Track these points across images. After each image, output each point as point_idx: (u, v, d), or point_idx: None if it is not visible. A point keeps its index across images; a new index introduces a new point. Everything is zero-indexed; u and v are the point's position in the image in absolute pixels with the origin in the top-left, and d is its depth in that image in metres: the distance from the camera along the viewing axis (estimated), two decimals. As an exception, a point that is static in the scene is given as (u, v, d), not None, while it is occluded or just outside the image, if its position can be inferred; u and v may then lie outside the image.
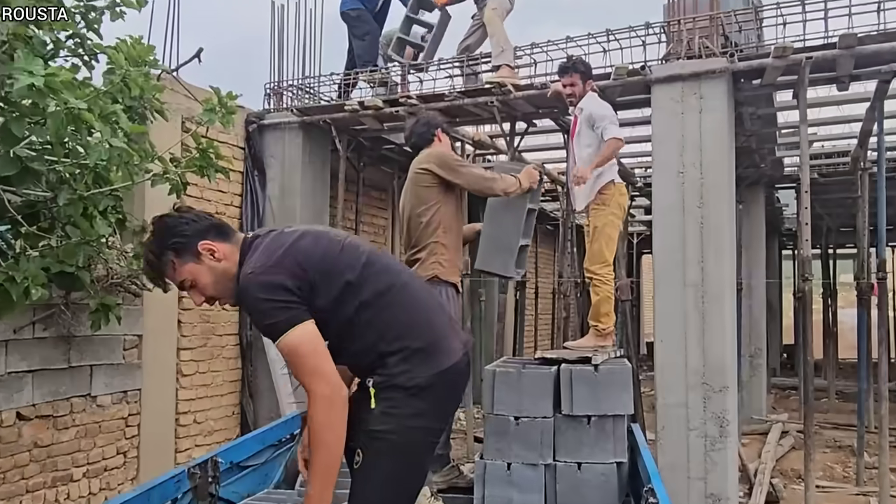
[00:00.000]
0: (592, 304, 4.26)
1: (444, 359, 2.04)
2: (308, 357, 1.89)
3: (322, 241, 2.06)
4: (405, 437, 1.98)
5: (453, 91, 6.50)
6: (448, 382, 2.05)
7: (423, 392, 1.99)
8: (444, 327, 2.13)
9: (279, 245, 1.99)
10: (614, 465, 3.13)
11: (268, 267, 1.92)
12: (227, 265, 2.01)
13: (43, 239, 3.89)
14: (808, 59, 5.18)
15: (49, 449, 4.62)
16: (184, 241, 1.98)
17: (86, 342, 4.81)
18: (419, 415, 1.99)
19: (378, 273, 2.06)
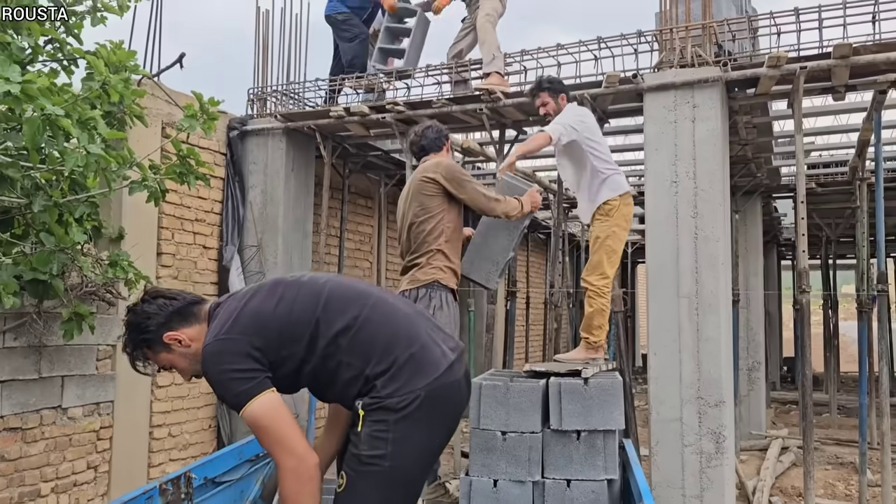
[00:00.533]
0: (585, 315, 4.29)
1: (433, 368, 2.06)
2: (270, 429, 1.92)
3: (276, 292, 2.12)
4: (398, 463, 1.98)
5: (441, 98, 6.56)
6: (442, 394, 2.06)
7: (417, 411, 1.99)
8: (427, 335, 2.14)
9: (232, 311, 2.06)
10: (605, 482, 3.17)
11: (221, 337, 2.00)
12: (197, 347, 2.11)
13: (16, 246, 3.92)
14: (802, 69, 5.28)
15: (17, 463, 4.61)
16: (150, 336, 2.10)
17: (57, 352, 4.82)
18: (412, 437, 1.99)
19: (344, 307, 2.10)
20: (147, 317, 2.10)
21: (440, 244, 3.71)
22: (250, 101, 7.49)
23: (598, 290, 4.23)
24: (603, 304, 4.24)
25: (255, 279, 6.96)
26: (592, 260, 4.28)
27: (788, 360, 16.84)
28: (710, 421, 5.35)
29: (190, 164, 4.37)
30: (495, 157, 7.36)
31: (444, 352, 2.13)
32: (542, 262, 15.17)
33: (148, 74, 5.03)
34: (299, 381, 2.09)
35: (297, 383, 2.10)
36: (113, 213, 5.50)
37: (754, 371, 9.99)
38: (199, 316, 2.15)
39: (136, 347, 2.13)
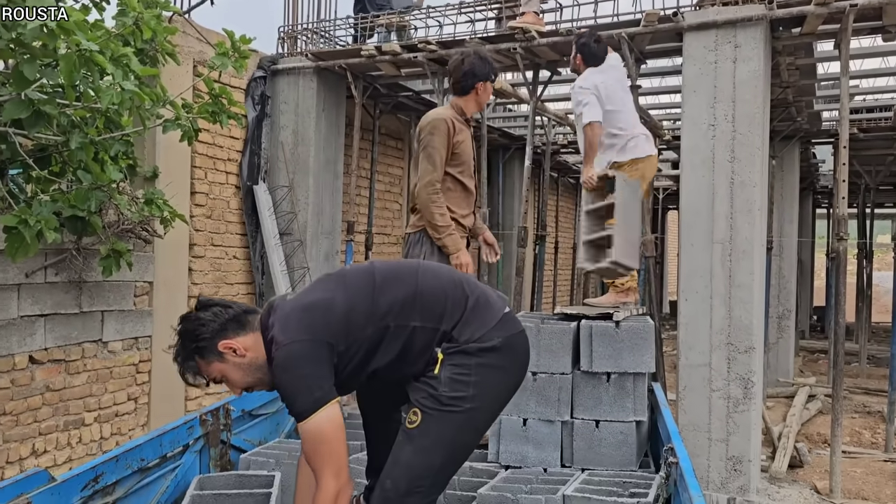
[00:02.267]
0: None
1: (497, 310, 2.11)
2: (329, 445, 1.89)
3: (328, 285, 2.10)
4: (477, 405, 2.01)
5: (474, 37, 6.42)
6: (515, 342, 2.11)
7: (496, 358, 2.04)
8: (478, 284, 2.20)
9: (291, 312, 2.00)
10: (633, 423, 3.19)
11: (294, 340, 1.93)
12: (252, 357, 2.02)
13: (54, 183, 3.98)
14: (852, 7, 5.05)
15: (61, 393, 4.78)
16: (204, 344, 2.00)
17: (97, 288, 4.93)
18: (491, 382, 2.04)
19: (397, 277, 2.10)
20: (202, 324, 2.01)
21: None
22: (280, 40, 7.41)
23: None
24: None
25: (287, 219, 7.01)
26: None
27: (818, 309, 16.67)
28: (738, 367, 5.35)
29: (222, 102, 4.36)
30: (528, 99, 7.22)
31: (500, 297, 2.20)
32: (572, 207, 15.04)
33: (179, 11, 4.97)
34: (366, 369, 2.04)
35: (361, 375, 2.06)
36: (147, 152, 5.54)
37: (784, 319, 9.92)
38: (253, 324, 2.05)
39: (188, 357, 2.03)
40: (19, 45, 2.98)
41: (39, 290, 4.50)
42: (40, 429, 4.63)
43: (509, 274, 9.98)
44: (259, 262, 6.89)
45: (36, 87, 3.13)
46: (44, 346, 4.60)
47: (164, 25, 4.01)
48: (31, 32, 2.74)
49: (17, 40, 2.88)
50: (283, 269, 6.88)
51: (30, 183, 4.10)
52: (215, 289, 6.42)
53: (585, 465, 3.17)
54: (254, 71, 6.99)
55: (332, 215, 7.48)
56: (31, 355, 4.52)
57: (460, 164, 3.56)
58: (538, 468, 3.19)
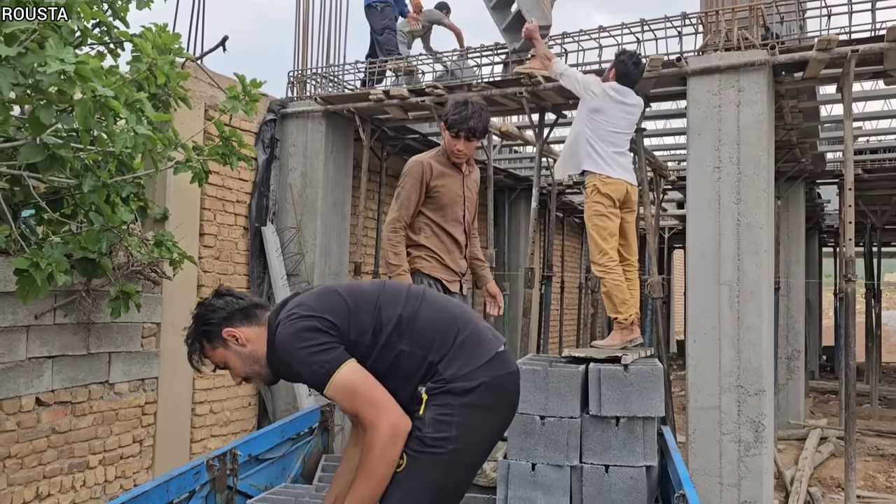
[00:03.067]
0: (603, 296, 4.23)
1: (488, 349, 2.09)
2: (364, 391, 1.94)
3: (336, 288, 2.17)
4: (461, 446, 2.00)
5: (481, 81, 6.51)
6: (503, 382, 2.09)
7: (480, 397, 2.02)
8: (478, 320, 2.19)
9: (298, 300, 2.11)
10: (644, 468, 3.14)
11: (294, 316, 2.02)
12: (252, 349, 2.12)
13: (65, 225, 4.01)
14: (853, 52, 5.12)
15: (66, 435, 4.75)
16: (210, 328, 2.12)
17: (105, 329, 4.93)
18: (476, 422, 2.03)
19: (399, 297, 2.14)
20: (213, 310, 2.14)
21: (420, 239, 3.55)
22: (290, 84, 7.53)
23: (604, 268, 4.15)
24: (614, 280, 4.14)
25: (294, 260, 7.04)
26: (589, 243, 4.25)
27: (827, 350, 16.52)
28: (749, 409, 5.28)
29: (232, 145, 4.41)
30: (534, 141, 7.29)
31: (495, 335, 2.17)
32: (577, 247, 15.05)
33: (192, 57, 5.07)
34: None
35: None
36: (157, 194, 5.59)
37: (793, 360, 9.83)
38: (261, 319, 2.16)
39: (196, 339, 2.16)
40: (36, 91, 3.04)
41: (48, 332, 4.51)
42: (45, 472, 4.59)
43: (516, 314, 9.95)
44: (266, 303, 6.89)
45: (51, 131, 3.18)
46: (51, 387, 4.58)
47: (176, 71, 4.09)
48: (49, 78, 2.80)
49: (35, 86, 2.94)
50: (290, 310, 6.87)
51: (41, 225, 4.14)
52: (222, 329, 6.41)
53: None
54: (264, 115, 7.09)
55: (340, 256, 7.50)
56: (37, 397, 4.50)
57: (440, 209, 3.55)
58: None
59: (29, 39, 2.89)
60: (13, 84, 2.78)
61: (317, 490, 3.34)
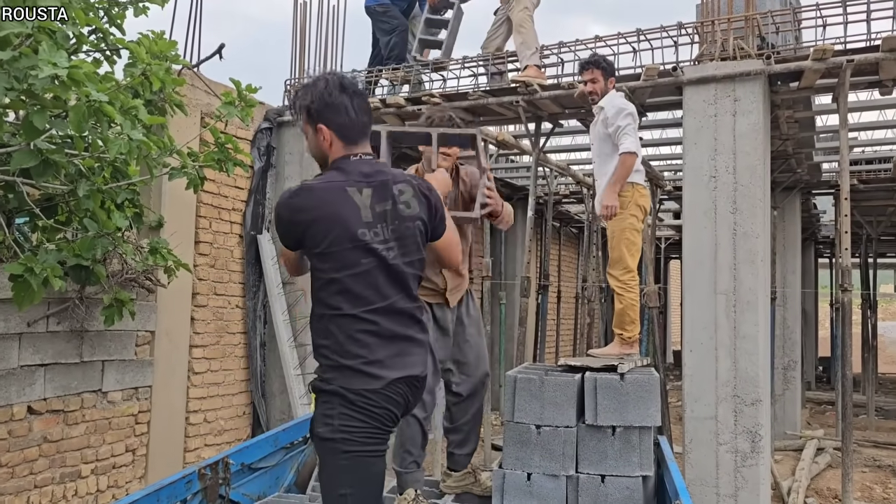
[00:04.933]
0: (616, 312, 4.22)
1: (378, 377, 2.11)
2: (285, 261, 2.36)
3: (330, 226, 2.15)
4: (345, 436, 2.08)
5: (477, 90, 6.52)
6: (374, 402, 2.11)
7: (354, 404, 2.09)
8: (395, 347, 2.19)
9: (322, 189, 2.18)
10: (640, 478, 3.12)
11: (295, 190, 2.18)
12: (326, 149, 2.25)
13: (59, 232, 3.99)
14: (849, 63, 5.14)
15: (58, 444, 4.70)
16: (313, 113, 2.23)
17: (98, 337, 4.90)
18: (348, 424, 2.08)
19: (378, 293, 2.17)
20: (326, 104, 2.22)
21: None
22: (287, 92, 7.53)
23: (625, 285, 4.15)
24: (632, 299, 4.15)
25: (290, 269, 7.00)
26: (613, 255, 4.19)
27: (824, 360, 16.51)
28: (745, 420, 5.26)
29: (228, 151, 4.39)
30: (530, 150, 7.30)
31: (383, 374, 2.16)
32: (574, 257, 15.06)
33: (188, 64, 5.07)
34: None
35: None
36: (153, 202, 5.57)
37: (790, 370, 9.81)
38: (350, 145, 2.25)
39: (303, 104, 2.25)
40: (30, 96, 3.02)
41: (41, 340, 4.47)
42: (36, 481, 4.54)
43: (512, 323, 9.93)
44: (261, 311, 6.86)
45: (45, 137, 3.17)
46: (43, 396, 4.54)
47: (172, 77, 4.08)
48: (42, 82, 2.79)
49: (28, 91, 2.93)
50: (286, 319, 6.85)
51: (35, 232, 4.12)
52: (217, 338, 6.38)
53: (591, 522, 3.09)
54: (260, 123, 7.08)
55: (336, 264, 7.47)
56: (29, 406, 4.46)
57: None
58: (543, 525, 3.11)
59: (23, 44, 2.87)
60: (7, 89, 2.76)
61: (310, 500, 3.31)
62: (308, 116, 2.25)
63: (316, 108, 2.22)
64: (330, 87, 2.21)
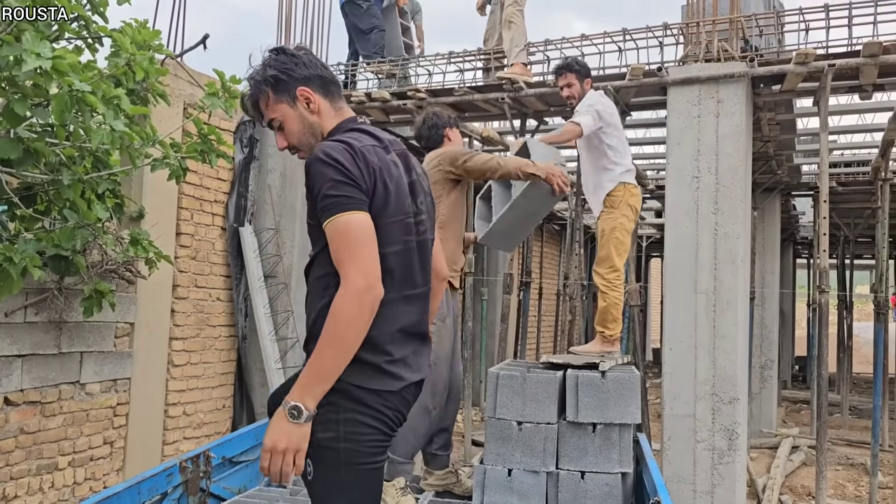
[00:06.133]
0: (599, 309, 4.24)
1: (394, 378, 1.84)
2: (356, 242, 1.72)
3: (399, 195, 1.88)
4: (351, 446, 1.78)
5: (463, 86, 6.53)
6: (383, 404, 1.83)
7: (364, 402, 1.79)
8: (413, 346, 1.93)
9: (368, 145, 1.86)
10: (619, 475, 3.16)
11: (351, 146, 1.80)
12: (317, 120, 1.92)
13: (38, 222, 3.94)
14: (830, 67, 5.21)
15: (35, 436, 4.66)
16: (285, 78, 1.89)
17: (77, 328, 4.85)
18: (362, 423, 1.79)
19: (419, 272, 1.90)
20: (296, 62, 1.89)
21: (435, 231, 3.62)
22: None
23: (610, 284, 4.17)
24: (616, 298, 4.18)
25: (272, 262, 6.98)
26: (601, 254, 4.21)
27: (800, 360, 16.74)
28: (723, 418, 5.33)
29: (211, 142, 4.36)
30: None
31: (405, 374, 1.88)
32: (556, 254, 15.12)
33: (171, 54, 5.02)
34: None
35: None
36: (134, 192, 5.52)
37: (767, 369, 9.95)
38: (336, 102, 1.96)
39: (262, 83, 1.90)
40: (11, 85, 2.98)
41: (18, 330, 4.42)
42: (12, 472, 4.49)
43: (494, 319, 9.97)
44: (242, 304, 6.83)
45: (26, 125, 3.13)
46: (20, 387, 4.49)
47: (155, 67, 4.03)
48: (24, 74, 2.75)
49: (10, 79, 2.89)
50: (267, 312, 6.82)
51: (14, 221, 4.06)
52: (197, 330, 6.34)
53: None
54: (242, 114, 7.03)
55: (318, 258, 7.46)
56: (6, 396, 4.41)
57: (461, 201, 3.67)
58: (523, 520, 3.14)
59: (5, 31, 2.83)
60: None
61: (291, 494, 3.31)
62: (278, 87, 1.88)
63: (285, 73, 1.87)
64: (284, 53, 1.90)
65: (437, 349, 3.34)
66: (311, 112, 1.91)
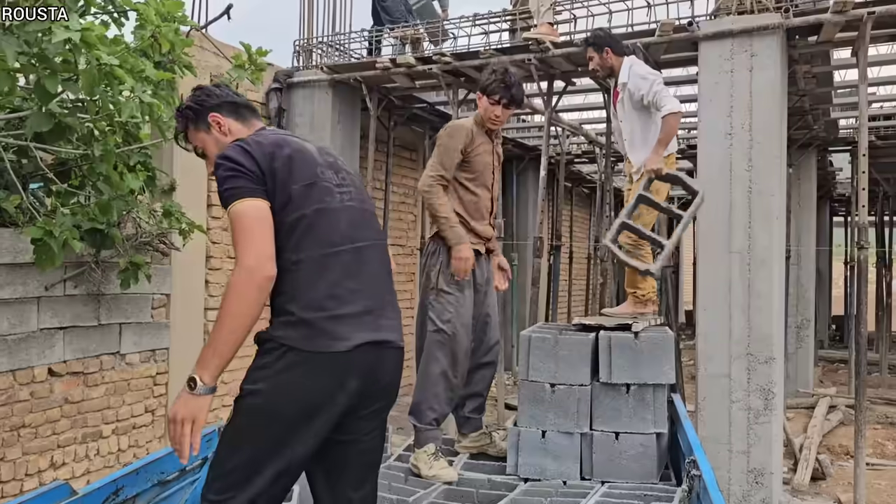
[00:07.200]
0: (627, 271, 4.20)
1: (337, 340, 1.88)
2: (249, 226, 1.84)
3: (304, 161, 2.00)
4: (267, 395, 1.88)
5: (489, 48, 6.44)
6: (328, 362, 1.88)
7: (293, 356, 1.87)
8: (358, 308, 1.95)
9: (272, 139, 2.00)
10: (654, 435, 3.15)
11: (246, 144, 1.95)
12: (229, 140, 2.05)
13: (74, 196, 4.01)
14: (870, 15, 5.02)
15: (79, 405, 4.79)
16: (198, 109, 2.10)
17: (115, 300, 4.95)
18: (283, 372, 1.87)
19: (328, 224, 1.96)
20: (207, 94, 2.13)
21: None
22: (296, 53, 7.46)
23: (636, 243, 4.12)
24: (643, 256, 4.12)
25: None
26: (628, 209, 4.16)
27: (837, 319, 16.49)
28: (759, 377, 5.29)
29: (239, 114, 4.37)
30: (542, 110, 7.22)
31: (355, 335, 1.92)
32: (586, 217, 15.00)
33: (196, 26, 5.02)
34: None
35: None
36: (164, 165, 5.57)
37: (803, 329, 9.82)
38: (248, 121, 2.14)
39: (183, 117, 2.14)
40: (41, 60, 3.01)
41: (59, 303, 4.53)
42: (59, 441, 4.65)
43: (524, 283, 9.95)
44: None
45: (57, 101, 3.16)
46: (63, 358, 4.62)
47: (181, 38, 4.04)
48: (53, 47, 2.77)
49: (40, 55, 2.92)
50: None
51: (50, 196, 4.14)
52: (232, 301, 6.43)
53: (605, 478, 3.14)
54: (269, 84, 7.04)
55: (347, 227, 7.50)
56: (50, 368, 4.54)
57: (473, 173, 3.51)
58: (558, 481, 3.16)
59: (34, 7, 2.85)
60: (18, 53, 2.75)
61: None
62: (196, 118, 2.09)
63: (198, 104, 2.09)
64: (199, 89, 2.14)
65: (454, 318, 3.35)
66: (222, 134, 2.09)
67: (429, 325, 3.40)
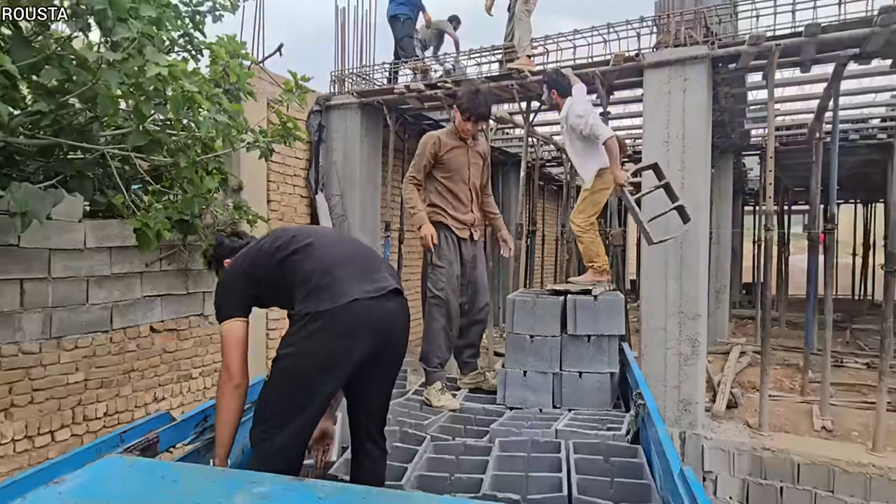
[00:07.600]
0: (582, 250, 4.13)
1: (337, 298, 1.85)
2: (226, 347, 2.00)
3: (270, 239, 2.09)
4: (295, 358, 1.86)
5: (481, 76, 6.36)
6: (338, 319, 1.84)
7: (312, 322, 1.85)
8: (347, 273, 1.93)
9: (248, 249, 2.15)
10: (608, 374, 3.17)
11: (234, 265, 2.12)
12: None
13: (165, 195, 4.00)
14: (777, 46, 4.95)
15: (174, 354, 4.81)
16: (217, 257, 2.30)
17: (199, 275, 4.95)
18: (306, 339, 1.85)
19: (290, 242, 2.03)
20: (221, 247, 2.30)
21: (428, 199, 3.45)
22: (332, 82, 7.39)
23: (582, 228, 4.06)
24: (590, 237, 4.08)
25: (340, 220, 7.02)
26: (580, 206, 4.10)
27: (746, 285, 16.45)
28: (687, 330, 5.30)
29: (289, 129, 4.35)
30: (522, 124, 7.16)
31: (354, 289, 1.90)
32: (555, 209, 14.93)
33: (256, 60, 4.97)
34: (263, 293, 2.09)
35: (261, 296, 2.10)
36: (233, 169, 5.55)
37: (721, 293, 9.81)
38: (238, 250, 2.28)
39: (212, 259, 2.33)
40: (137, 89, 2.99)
41: (156, 277, 4.54)
42: (159, 381, 4.67)
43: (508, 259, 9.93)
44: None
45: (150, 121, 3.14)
46: (161, 318, 4.63)
47: (245, 71, 4.00)
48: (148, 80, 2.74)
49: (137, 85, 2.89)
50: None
51: (147, 195, 4.13)
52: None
53: (572, 406, 3.16)
54: (312, 106, 6.98)
55: (373, 217, 7.48)
56: (151, 326, 4.56)
57: (448, 171, 3.43)
58: (535, 409, 3.18)
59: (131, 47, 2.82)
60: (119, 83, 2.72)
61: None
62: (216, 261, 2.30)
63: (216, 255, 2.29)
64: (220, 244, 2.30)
65: (446, 286, 3.33)
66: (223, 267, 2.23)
67: (428, 293, 3.39)
